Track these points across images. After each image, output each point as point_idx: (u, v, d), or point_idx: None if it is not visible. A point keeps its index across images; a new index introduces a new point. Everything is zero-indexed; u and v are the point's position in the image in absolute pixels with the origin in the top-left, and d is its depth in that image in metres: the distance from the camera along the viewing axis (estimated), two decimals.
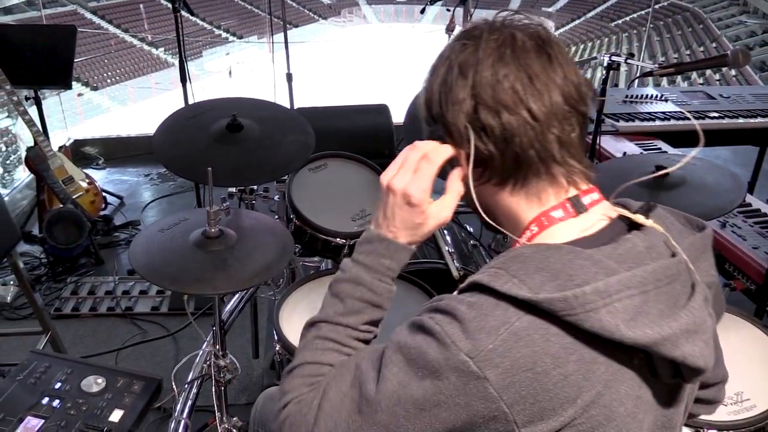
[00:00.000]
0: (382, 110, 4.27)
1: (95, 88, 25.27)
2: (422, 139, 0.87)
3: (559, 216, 0.81)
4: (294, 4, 37.44)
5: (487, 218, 0.87)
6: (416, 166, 0.86)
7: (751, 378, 1.47)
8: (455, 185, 0.86)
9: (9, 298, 2.96)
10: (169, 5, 3.34)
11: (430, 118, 0.85)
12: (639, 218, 0.80)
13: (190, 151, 1.73)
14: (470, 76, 0.78)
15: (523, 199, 0.83)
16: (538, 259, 0.73)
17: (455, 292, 0.79)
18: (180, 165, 1.72)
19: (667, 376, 0.76)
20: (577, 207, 0.81)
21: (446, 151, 0.84)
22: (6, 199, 3.88)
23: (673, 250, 0.79)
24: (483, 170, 0.82)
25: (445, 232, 2.34)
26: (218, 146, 1.75)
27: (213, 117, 1.81)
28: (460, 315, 0.72)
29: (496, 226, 0.87)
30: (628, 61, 2.21)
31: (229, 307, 2.33)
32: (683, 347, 0.71)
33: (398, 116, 4.04)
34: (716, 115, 3.12)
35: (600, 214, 0.82)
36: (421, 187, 0.85)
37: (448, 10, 3.89)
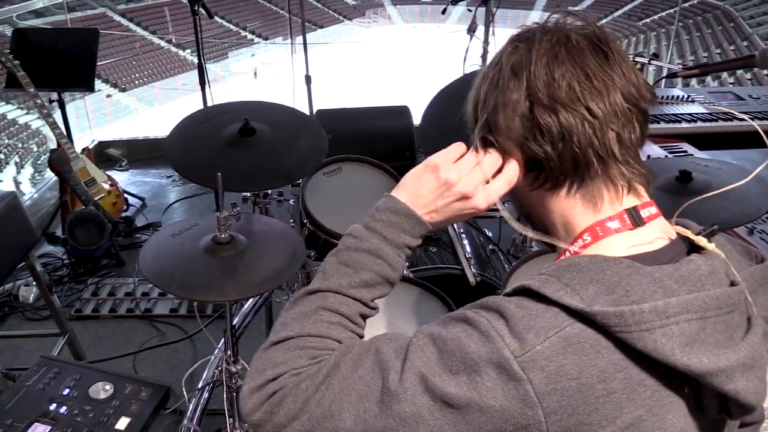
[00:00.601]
0: (403, 112, 4.25)
1: (123, 90, 25.64)
2: (440, 145, 0.87)
3: (615, 227, 0.77)
4: (319, 5, 37.60)
5: (532, 228, 0.85)
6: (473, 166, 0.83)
7: None
8: (509, 172, 0.81)
9: (31, 298, 3.00)
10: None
11: (481, 123, 0.82)
12: (702, 241, 0.75)
13: (202, 156, 1.71)
14: (524, 77, 0.76)
15: (579, 203, 0.78)
16: (595, 270, 0.70)
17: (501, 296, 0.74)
18: (191, 169, 1.71)
19: (713, 410, 0.70)
20: (635, 220, 0.77)
21: (496, 161, 0.82)
22: (35, 197, 3.94)
23: (731, 278, 0.74)
24: (537, 174, 0.79)
25: (463, 236, 2.30)
26: (230, 150, 1.73)
27: (226, 121, 1.79)
28: (508, 313, 0.69)
29: (544, 239, 0.83)
30: (652, 62, 2.15)
31: (243, 310, 2.32)
32: (737, 381, 0.67)
33: (419, 118, 4.02)
34: (746, 116, 3.03)
35: (658, 230, 0.78)
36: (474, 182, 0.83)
37: (470, 10, 3.84)
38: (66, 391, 1.33)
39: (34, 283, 3.06)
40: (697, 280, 0.71)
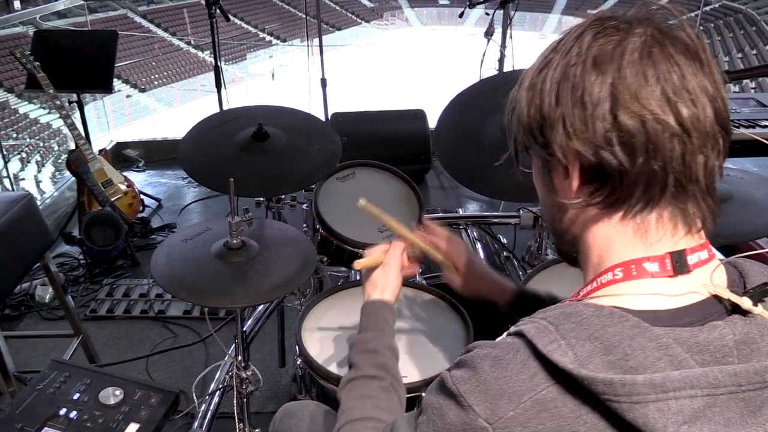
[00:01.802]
0: (419, 115, 4.24)
1: (143, 90, 25.89)
2: (455, 150, 0.88)
3: (652, 270, 0.68)
4: (336, 7, 37.72)
5: (558, 246, 0.81)
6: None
7: None
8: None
9: (47, 298, 3.02)
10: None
11: (539, 123, 0.72)
12: (744, 302, 0.65)
13: (216, 160, 1.71)
14: (610, 72, 0.66)
15: (629, 234, 0.69)
16: (596, 325, 0.63)
17: (504, 334, 0.71)
18: (204, 174, 1.71)
19: None
20: (679, 266, 0.67)
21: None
22: (55, 195, 3.98)
23: None
24: (598, 187, 0.69)
25: (477, 243, 2.28)
26: (243, 155, 1.73)
27: (239, 125, 1.79)
28: (482, 375, 0.66)
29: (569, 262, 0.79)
30: None
31: (256, 314, 2.31)
32: None
33: (435, 122, 4.00)
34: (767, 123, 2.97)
35: (699, 281, 0.68)
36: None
37: (487, 14, 3.82)
38: (76, 396, 1.33)
39: (50, 284, 3.09)
40: (716, 350, 0.63)
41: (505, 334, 0.71)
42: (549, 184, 0.76)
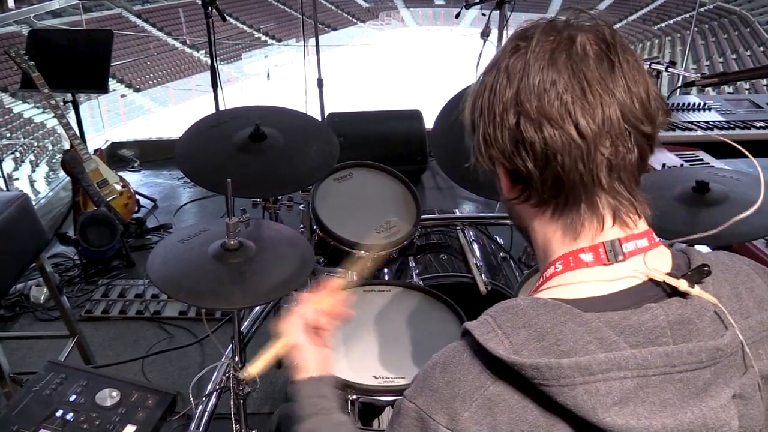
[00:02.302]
0: (415, 116, 4.24)
1: (138, 90, 25.79)
2: (451, 151, 0.88)
3: (587, 260, 0.71)
4: (332, 7, 37.67)
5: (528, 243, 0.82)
6: None
7: None
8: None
9: (42, 298, 3.01)
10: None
11: (470, 128, 0.78)
12: (681, 284, 0.67)
13: (212, 161, 1.71)
14: (515, 83, 0.69)
15: (560, 229, 0.73)
16: (530, 314, 0.66)
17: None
18: (201, 175, 1.70)
19: None
20: (612, 254, 0.70)
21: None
22: (49, 195, 3.97)
23: (727, 325, 0.67)
24: (522, 188, 0.74)
25: (474, 244, 2.28)
26: (241, 156, 1.73)
27: (236, 126, 1.78)
28: (434, 383, 0.69)
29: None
30: (669, 69, 2.12)
31: (252, 315, 2.31)
32: None
33: (431, 122, 4.00)
34: (762, 124, 2.98)
35: (636, 267, 0.70)
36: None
37: (484, 14, 3.82)
38: (73, 398, 1.32)
39: (45, 284, 3.08)
40: (649, 331, 0.64)
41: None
42: (500, 190, 0.79)
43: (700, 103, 3.20)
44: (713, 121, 3.01)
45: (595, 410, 0.61)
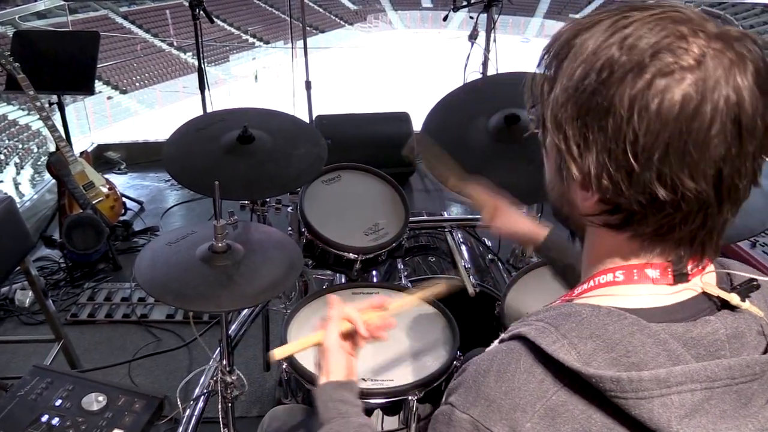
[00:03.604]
0: (403, 118, 4.24)
1: (124, 92, 25.62)
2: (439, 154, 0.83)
3: (653, 276, 0.68)
4: (320, 10, 37.64)
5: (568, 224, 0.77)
6: None
7: None
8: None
9: (27, 302, 2.97)
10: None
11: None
12: (733, 299, 0.67)
13: (200, 163, 1.70)
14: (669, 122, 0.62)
15: (634, 245, 0.68)
16: (596, 324, 0.64)
17: (496, 341, 0.71)
18: (189, 177, 1.69)
19: None
20: (679, 275, 0.68)
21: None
22: (34, 198, 3.93)
23: None
24: (613, 212, 0.68)
25: (462, 246, 2.28)
26: (228, 158, 1.72)
27: (224, 128, 1.78)
28: (490, 392, 0.65)
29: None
30: None
31: (240, 318, 2.30)
32: None
33: (419, 124, 4.00)
34: None
35: (693, 282, 0.69)
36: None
37: (471, 17, 3.83)
38: (58, 402, 1.31)
39: (30, 287, 3.05)
40: (710, 344, 0.65)
41: (496, 341, 0.71)
42: (563, 181, 0.70)
43: None
44: None
45: (670, 423, 0.60)
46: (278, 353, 1.02)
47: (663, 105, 0.59)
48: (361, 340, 1.01)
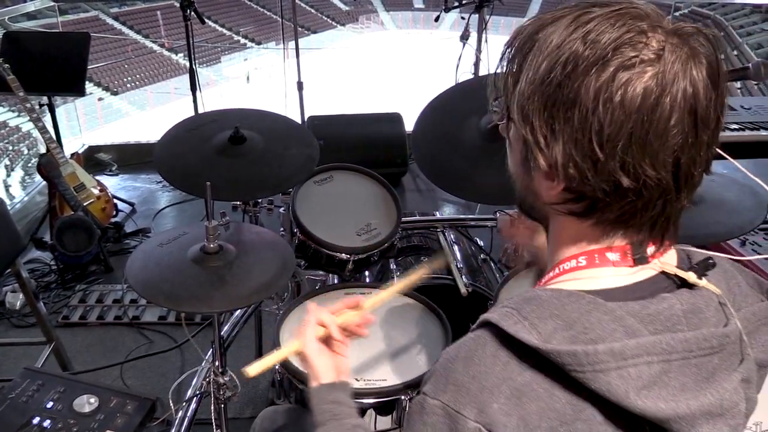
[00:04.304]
0: (395, 119, 4.25)
1: (115, 93, 25.49)
2: (432, 153, 0.85)
3: (613, 259, 0.71)
4: (312, 11, 37.60)
5: (532, 215, 0.80)
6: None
7: None
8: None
9: (18, 305, 2.96)
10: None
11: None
12: (690, 277, 0.70)
13: (192, 164, 1.69)
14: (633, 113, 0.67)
15: (596, 232, 0.71)
16: (555, 305, 0.67)
17: (469, 332, 0.73)
18: (180, 178, 1.69)
19: None
20: (640, 258, 0.71)
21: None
22: (25, 200, 3.90)
23: (728, 316, 0.70)
24: (577, 200, 0.71)
25: (454, 246, 2.29)
26: (220, 159, 1.72)
27: (216, 129, 1.77)
28: (458, 377, 0.67)
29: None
30: None
31: (232, 319, 2.30)
32: (701, 428, 0.64)
33: (411, 124, 4.00)
34: (737, 126, 3.04)
35: (653, 264, 0.72)
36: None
37: (463, 17, 3.85)
38: (50, 404, 1.30)
39: (21, 290, 3.03)
40: (666, 319, 0.67)
41: (469, 332, 0.74)
42: (529, 172, 0.73)
43: None
44: None
45: (628, 394, 0.62)
46: (252, 370, 0.99)
47: (626, 96, 0.62)
48: (339, 341, 1.02)
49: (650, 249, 0.72)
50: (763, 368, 0.75)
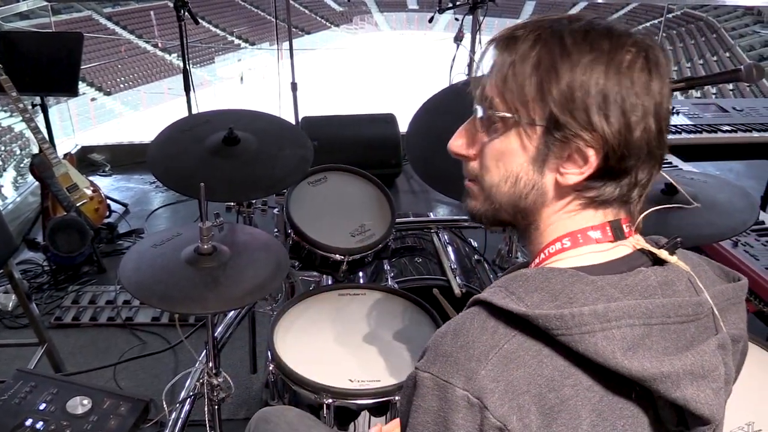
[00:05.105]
0: (389, 120, 4.25)
1: (108, 93, 25.40)
2: (426, 154, 0.88)
3: (596, 237, 0.77)
4: (306, 11, 37.57)
5: (490, 223, 0.84)
6: None
7: (763, 407, 1.41)
8: None
9: (10, 306, 2.94)
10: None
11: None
12: (662, 254, 0.76)
13: (185, 165, 1.69)
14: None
15: (582, 211, 0.78)
16: (540, 279, 0.71)
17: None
18: (174, 178, 1.68)
19: (669, 421, 0.72)
20: (617, 233, 0.77)
21: None
22: (17, 200, 3.88)
23: (698, 291, 0.76)
24: (601, 184, 0.77)
25: (448, 246, 2.29)
26: (214, 160, 1.71)
27: (210, 129, 1.77)
28: (447, 349, 0.69)
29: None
30: None
31: (226, 320, 2.29)
32: (686, 389, 0.67)
33: (405, 126, 4.00)
34: (729, 128, 3.06)
35: (627, 242, 0.79)
36: None
37: (457, 19, 3.85)
38: (42, 406, 1.29)
39: (13, 291, 3.01)
40: (643, 290, 0.72)
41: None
42: (539, 168, 0.76)
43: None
44: (681, 125, 3.07)
45: (615, 354, 0.65)
46: None
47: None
48: None
49: (625, 227, 0.78)
50: (736, 343, 0.79)
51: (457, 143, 0.84)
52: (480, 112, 0.79)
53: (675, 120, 3.12)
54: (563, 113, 0.72)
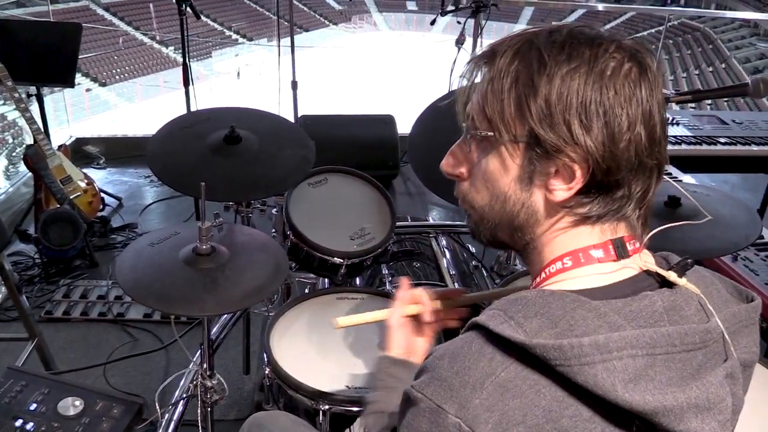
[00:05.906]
0: (388, 121, 4.22)
1: (103, 84, 25.28)
2: (428, 158, 0.86)
3: (597, 256, 0.74)
4: (305, 9, 37.51)
5: (489, 242, 0.83)
6: None
7: (764, 427, 1.40)
8: None
9: (0, 298, 2.90)
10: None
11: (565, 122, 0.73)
12: (671, 276, 0.73)
13: (185, 163, 1.67)
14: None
15: (579, 228, 0.75)
16: (540, 303, 0.68)
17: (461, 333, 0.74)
18: (173, 176, 1.66)
19: None
20: (621, 251, 0.74)
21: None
22: (10, 191, 3.84)
23: (708, 315, 0.72)
24: (592, 198, 0.74)
25: (446, 252, 2.28)
26: (214, 158, 1.69)
27: (211, 127, 1.75)
28: (443, 373, 0.68)
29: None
30: None
31: (222, 320, 2.27)
32: (689, 423, 0.64)
33: (403, 127, 3.97)
34: (726, 140, 3.06)
35: (632, 262, 0.75)
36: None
37: (459, 21, 3.83)
38: (33, 407, 1.27)
39: (3, 283, 2.97)
40: (649, 316, 0.69)
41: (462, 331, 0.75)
42: (526, 186, 0.75)
43: (668, 118, 3.26)
44: (681, 136, 3.07)
45: (615, 387, 0.62)
46: (342, 321, 1.09)
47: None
48: (428, 325, 1.07)
49: (629, 245, 0.75)
50: (748, 368, 0.77)
51: (448, 162, 0.83)
52: (465, 131, 0.78)
53: (674, 131, 3.12)
54: (543, 129, 0.70)
